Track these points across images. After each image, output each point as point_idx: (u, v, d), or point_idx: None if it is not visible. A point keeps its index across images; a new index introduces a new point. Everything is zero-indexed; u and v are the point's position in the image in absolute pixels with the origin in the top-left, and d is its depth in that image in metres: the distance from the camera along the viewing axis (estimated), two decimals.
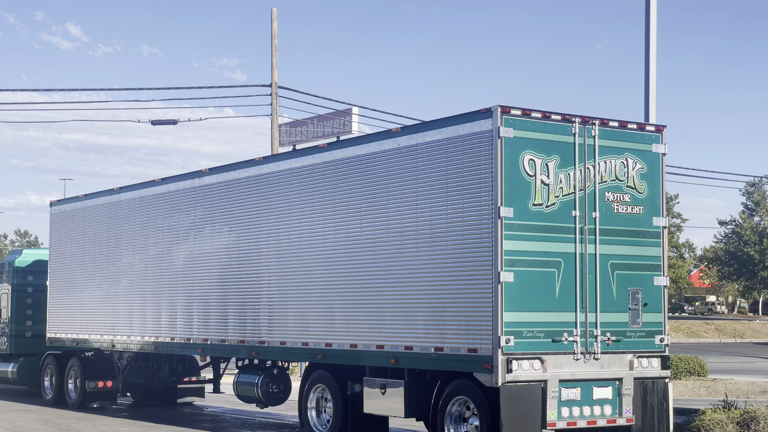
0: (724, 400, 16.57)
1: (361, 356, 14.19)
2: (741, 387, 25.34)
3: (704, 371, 28.13)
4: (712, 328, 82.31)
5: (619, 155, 13.24)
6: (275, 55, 32.45)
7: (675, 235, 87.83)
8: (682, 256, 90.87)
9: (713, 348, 58.38)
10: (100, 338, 20.35)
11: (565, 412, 12.56)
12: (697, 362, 28.20)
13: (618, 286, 13.11)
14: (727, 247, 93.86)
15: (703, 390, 24.93)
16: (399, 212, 13.73)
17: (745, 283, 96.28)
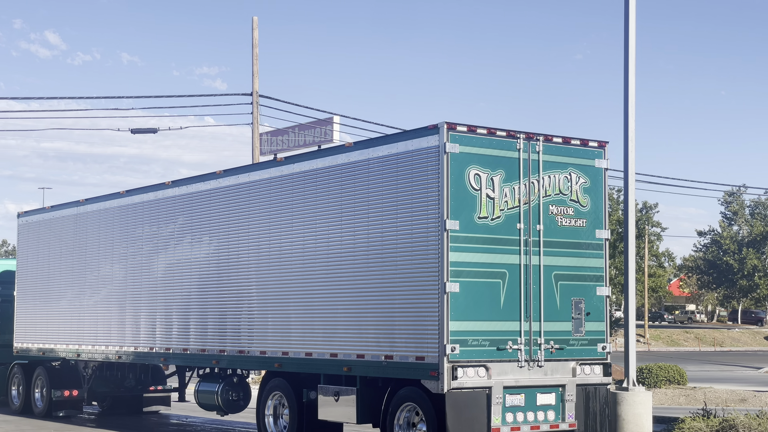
0: (704, 408, 16.86)
1: (316, 364, 14.63)
2: (720, 395, 25.61)
3: (684, 380, 28.38)
4: (692, 336, 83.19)
5: (562, 170, 13.76)
6: (256, 63, 32.64)
7: (655, 244, 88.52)
8: (661, 265, 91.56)
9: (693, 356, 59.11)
10: (65, 348, 20.69)
11: (509, 418, 13.04)
12: (676, 371, 28.44)
13: (561, 296, 13.61)
14: (707, 256, 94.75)
15: (682, 398, 25.20)
16: (352, 225, 14.19)
17: (724, 292, 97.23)
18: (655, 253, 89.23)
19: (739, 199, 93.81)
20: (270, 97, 33.46)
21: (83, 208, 20.66)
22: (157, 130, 34.66)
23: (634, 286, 15.91)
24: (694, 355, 62.41)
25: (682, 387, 27.70)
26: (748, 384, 31.91)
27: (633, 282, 15.78)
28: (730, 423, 15.04)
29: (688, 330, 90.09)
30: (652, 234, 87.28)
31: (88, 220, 20.36)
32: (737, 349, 77.32)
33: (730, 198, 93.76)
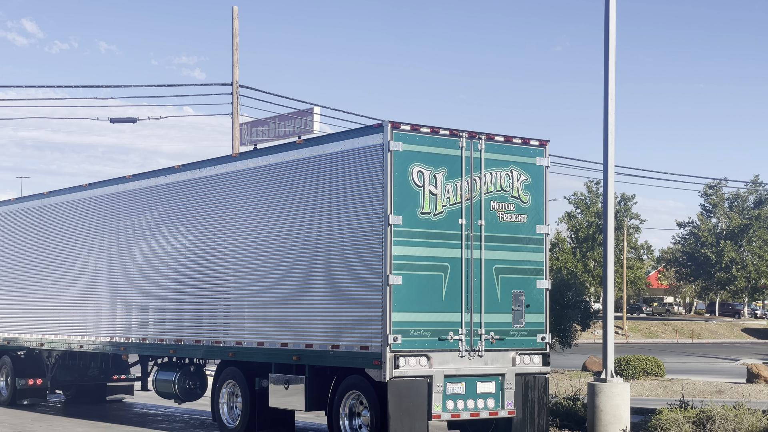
0: (681, 399, 17.16)
1: (267, 354, 15.14)
2: (697, 387, 25.95)
3: (661, 371, 28.72)
4: (670, 328, 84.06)
5: (504, 167, 14.31)
6: (236, 53, 32.66)
7: (633, 237, 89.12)
8: (640, 258, 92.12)
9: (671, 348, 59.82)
10: (29, 337, 21.10)
11: (449, 405, 13.59)
12: (654, 362, 28.78)
13: (502, 288, 14.17)
14: (685, 248, 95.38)
15: (660, 390, 25.52)
16: (302, 218, 14.70)
17: (702, 284, 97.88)
18: (634, 245, 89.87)
19: (719, 192, 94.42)
20: (250, 87, 33.48)
21: (47, 200, 21.06)
22: (137, 119, 34.67)
23: (613, 277, 16.46)
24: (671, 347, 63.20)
25: (660, 378, 28.05)
26: (725, 376, 32.45)
27: (612, 273, 16.36)
28: (707, 414, 15.27)
29: (666, 322, 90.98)
30: (630, 226, 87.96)
31: (52, 212, 20.77)
32: (715, 341, 78.27)
33: (711, 191, 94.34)
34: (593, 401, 16.38)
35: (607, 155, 16.93)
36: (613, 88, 16.70)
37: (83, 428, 17.15)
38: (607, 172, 16.93)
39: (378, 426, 13.36)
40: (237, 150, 31.45)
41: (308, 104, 37.23)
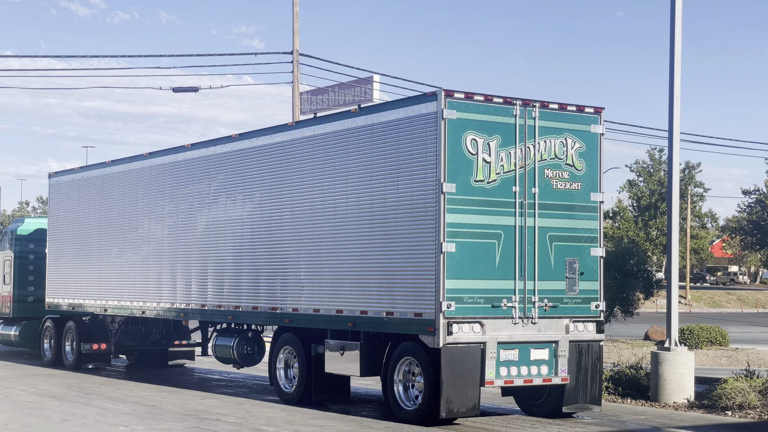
0: (746, 369, 17.13)
1: (323, 320, 15.37)
2: (763, 356, 25.64)
3: (726, 341, 28.32)
4: (734, 298, 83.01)
5: (558, 135, 14.29)
6: (296, 21, 32.69)
7: (697, 205, 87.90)
8: (704, 226, 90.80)
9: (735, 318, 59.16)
10: (93, 303, 21.61)
11: (503, 372, 13.70)
12: (718, 332, 28.39)
13: (556, 256, 14.19)
14: (750, 216, 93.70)
15: (724, 359, 25.32)
16: (357, 186, 14.84)
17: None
18: (698, 214, 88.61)
19: None
20: (310, 56, 33.58)
21: (110, 169, 21.48)
22: (199, 88, 34.96)
23: (677, 245, 16.45)
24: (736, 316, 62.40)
25: (724, 348, 27.70)
26: None
27: (676, 241, 16.34)
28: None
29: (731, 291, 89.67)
30: (694, 194, 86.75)
31: (115, 181, 21.18)
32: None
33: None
34: (657, 370, 16.39)
35: (672, 121, 16.87)
36: (679, 53, 16.61)
37: (149, 392, 17.58)
38: (672, 139, 16.87)
39: (431, 392, 13.52)
40: (297, 119, 31.64)
41: (368, 72, 37.18)
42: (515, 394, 15.28)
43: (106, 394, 17.34)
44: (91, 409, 15.17)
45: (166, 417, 14.42)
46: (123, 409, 15.21)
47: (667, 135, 17.02)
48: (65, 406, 15.59)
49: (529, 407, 15.08)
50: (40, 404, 15.76)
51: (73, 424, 13.59)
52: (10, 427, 13.26)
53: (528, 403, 15.10)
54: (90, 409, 15.25)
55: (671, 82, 16.99)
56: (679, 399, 16.20)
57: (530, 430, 13.67)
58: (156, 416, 14.51)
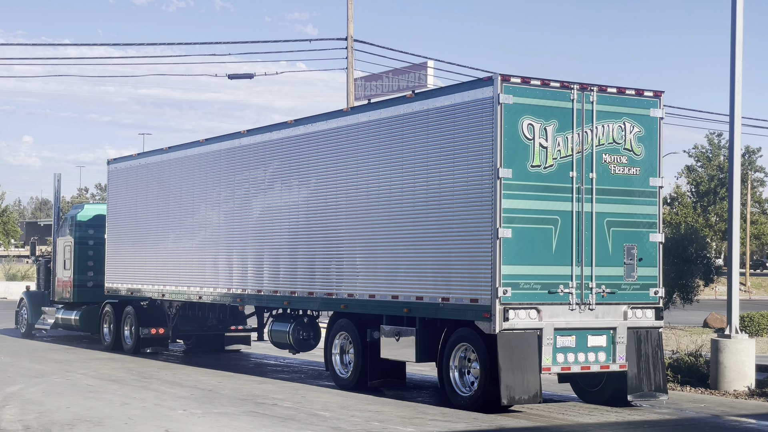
0: None
1: (379, 306, 15.37)
2: None
3: None
4: None
5: (616, 119, 14.11)
6: (351, 7, 32.52)
7: (758, 191, 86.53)
8: (764, 212, 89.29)
9: None
10: (151, 288, 21.85)
11: (560, 358, 13.60)
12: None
13: (614, 242, 14.04)
14: None
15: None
16: (412, 173, 14.80)
17: None
18: (758, 200, 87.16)
19: None
20: (365, 42, 33.45)
21: (167, 155, 21.66)
22: (254, 75, 35.08)
23: (738, 231, 16.21)
24: None
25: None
26: None
27: (737, 227, 16.12)
28: None
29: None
30: (755, 180, 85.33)
31: (172, 167, 21.36)
32: None
33: None
34: (717, 358, 16.17)
35: (733, 105, 16.58)
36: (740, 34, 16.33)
37: (206, 377, 17.74)
38: (734, 123, 16.59)
39: (488, 378, 13.46)
40: (351, 105, 31.62)
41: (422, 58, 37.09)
42: (572, 381, 15.16)
43: (164, 378, 17.53)
44: (150, 393, 15.35)
45: (223, 401, 14.54)
46: (181, 393, 15.36)
47: (728, 119, 16.73)
48: (125, 389, 15.80)
49: (587, 394, 14.96)
50: (101, 387, 15.99)
51: (133, 408, 13.76)
52: (72, 410, 13.46)
53: (585, 390, 14.98)
54: (149, 392, 15.43)
55: (732, 65, 16.68)
56: (740, 387, 15.97)
57: (588, 418, 13.56)
58: (213, 400, 14.64)
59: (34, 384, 16.40)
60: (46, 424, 12.33)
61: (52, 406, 13.79)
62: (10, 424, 12.29)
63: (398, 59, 65.42)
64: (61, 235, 26.14)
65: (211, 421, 12.70)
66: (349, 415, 13.34)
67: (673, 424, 13.31)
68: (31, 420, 12.62)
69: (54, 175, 26.42)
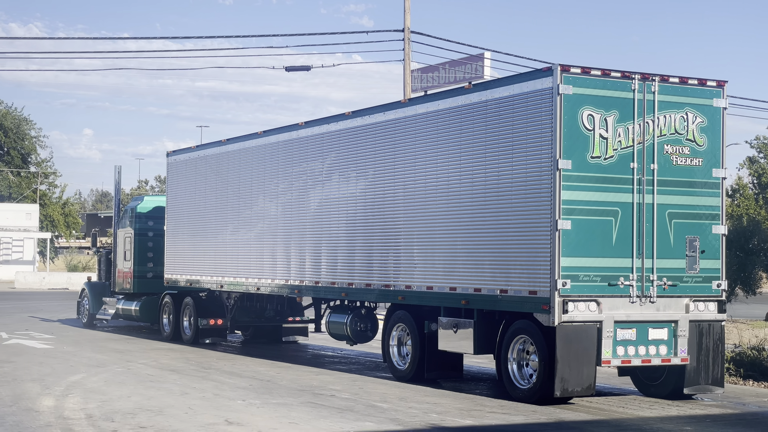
0: None
1: (436, 297, 15.33)
2: None
3: None
4: None
5: (679, 110, 13.90)
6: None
7: None
8: None
9: None
10: (210, 279, 22.04)
11: (620, 351, 13.45)
12: None
13: (675, 234, 13.85)
14: None
15: None
16: (470, 163, 14.73)
17: None
18: None
19: None
20: (421, 33, 33.37)
21: (225, 147, 21.81)
22: (311, 67, 35.11)
23: None
24: None
25: None
26: None
27: None
28: None
29: None
30: None
31: (230, 159, 21.51)
32: None
33: None
34: None
35: None
36: None
37: (264, 367, 17.85)
38: None
39: (546, 371, 13.37)
40: (408, 96, 31.53)
41: (479, 49, 36.84)
42: (632, 375, 15.00)
43: (223, 368, 17.67)
44: (209, 383, 15.48)
45: (281, 392, 14.62)
46: (240, 384, 15.48)
47: None
48: (184, 379, 15.95)
49: (647, 388, 14.78)
50: (161, 377, 16.16)
51: (193, 397, 13.88)
52: (133, 399, 13.63)
53: (645, 383, 14.81)
54: (208, 383, 15.56)
55: None
56: None
57: (648, 411, 13.40)
58: (272, 391, 14.72)
59: (96, 373, 16.63)
60: (108, 412, 12.50)
61: (114, 395, 13.98)
62: (73, 413, 12.48)
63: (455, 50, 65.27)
64: (121, 226, 26.46)
65: (269, 411, 12.77)
66: (407, 407, 13.33)
67: (735, 418, 13.11)
68: (94, 409, 12.79)
69: (115, 167, 26.76)
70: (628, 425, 12.36)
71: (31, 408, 12.80)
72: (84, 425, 11.61)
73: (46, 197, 71.86)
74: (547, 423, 12.36)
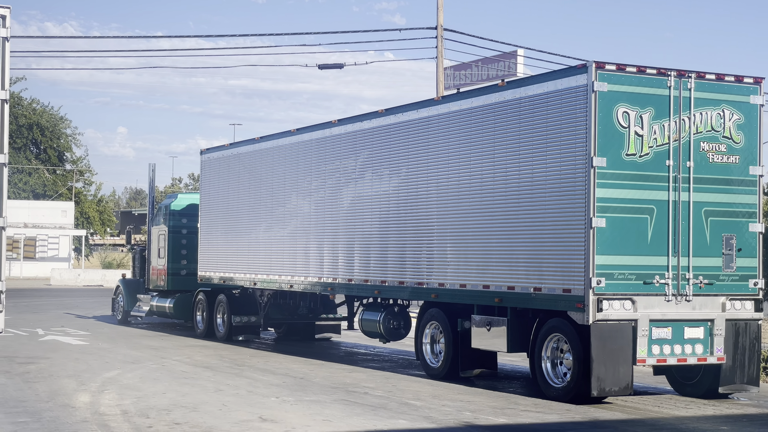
0: None
1: (470, 295, 15.29)
2: None
3: None
4: None
5: (715, 107, 13.78)
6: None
7: None
8: None
9: None
10: (243, 277, 22.12)
11: (655, 350, 13.36)
12: None
13: (712, 232, 13.73)
14: None
15: None
16: (504, 161, 14.68)
17: None
18: None
19: None
20: (454, 31, 33.30)
21: (258, 145, 21.88)
22: (344, 65, 35.12)
23: None
24: None
25: None
26: None
27: None
28: None
29: None
30: None
31: (263, 157, 21.57)
32: None
33: None
34: None
35: None
36: None
37: (297, 365, 17.90)
38: None
39: (580, 370, 13.30)
40: (441, 94, 31.47)
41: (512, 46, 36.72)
42: (667, 374, 14.90)
43: (256, 365, 17.74)
44: (242, 380, 15.54)
45: (314, 389, 14.65)
46: (273, 381, 15.53)
47: None
48: (218, 376, 16.03)
49: (682, 387, 14.68)
50: (195, 374, 16.25)
51: (227, 394, 13.94)
52: (168, 396, 13.71)
53: (681, 382, 14.70)
54: (242, 380, 15.62)
55: None
56: None
57: (684, 411, 13.30)
58: (305, 388, 14.76)
59: (131, 370, 16.75)
60: (144, 409, 12.58)
61: (149, 392, 14.07)
62: (109, 409, 12.57)
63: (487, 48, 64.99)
64: (155, 224, 26.62)
65: (303, 409, 12.80)
66: (441, 405, 13.31)
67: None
68: (129, 405, 12.88)
69: (149, 165, 26.93)
70: (664, 425, 12.27)
71: (67, 404, 12.91)
72: (119, 421, 11.69)
73: (81, 195, 72.50)
74: (582, 422, 12.30)
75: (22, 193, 68.05)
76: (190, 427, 11.38)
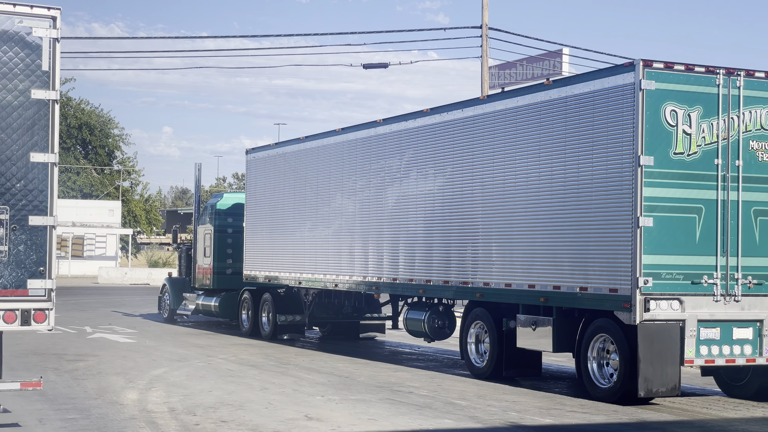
0: None
1: (515, 295, 15.24)
2: None
3: None
4: None
5: (765, 105, 13.61)
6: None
7: None
8: None
9: None
10: (288, 276, 22.22)
11: (703, 351, 13.21)
12: None
13: (761, 231, 13.56)
14: None
15: None
16: (549, 160, 14.61)
17: None
18: None
19: None
20: (499, 29, 33.20)
21: (303, 145, 21.96)
22: (388, 65, 35.09)
23: None
24: None
25: None
26: None
27: None
28: None
29: None
30: None
31: (308, 156, 21.65)
32: None
33: None
34: None
35: None
36: None
37: (342, 364, 17.94)
38: None
39: (627, 370, 13.20)
40: (486, 93, 31.37)
41: (557, 45, 36.52)
42: (716, 375, 14.74)
43: (301, 364, 17.81)
44: (288, 379, 15.61)
45: (359, 388, 14.67)
46: (318, 380, 15.58)
47: None
48: (264, 375, 16.11)
49: (731, 388, 14.51)
50: (240, 372, 16.35)
51: (272, 393, 14.02)
52: (214, 394, 13.81)
53: (729, 384, 14.54)
54: (287, 378, 15.70)
55: None
56: None
57: (733, 413, 13.15)
58: (350, 387, 14.79)
59: (177, 368, 16.90)
60: (190, 406, 12.68)
61: (195, 390, 14.18)
62: (156, 406, 12.69)
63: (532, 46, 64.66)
64: (201, 223, 26.81)
65: (348, 408, 12.83)
66: (486, 405, 13.28)
67: None
68: (176, 402, 12.99)
69: (195, 164, 27.14)
70: (712, 426, 12.14)
71: (115, 401, 13.06)
72: (167, 419, 11.80)
73: (128, 194, 73.24)
74: (628, 423, 12.20)
75: (70, 192, 68.88)
76: (237, 425, 11.46)
